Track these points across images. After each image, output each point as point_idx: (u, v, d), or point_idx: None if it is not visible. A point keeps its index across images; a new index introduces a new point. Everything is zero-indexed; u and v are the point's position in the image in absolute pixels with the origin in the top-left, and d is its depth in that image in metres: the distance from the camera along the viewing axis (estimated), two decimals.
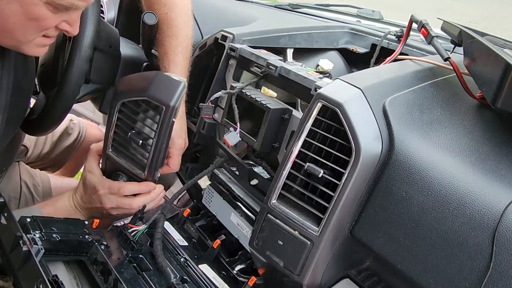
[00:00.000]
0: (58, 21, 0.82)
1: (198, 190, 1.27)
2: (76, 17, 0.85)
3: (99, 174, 1.07)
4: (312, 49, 1.28)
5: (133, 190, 1.05)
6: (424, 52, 1.19)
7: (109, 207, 1.04)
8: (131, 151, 1.04)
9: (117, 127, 1.03)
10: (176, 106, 0.96)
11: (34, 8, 0.77)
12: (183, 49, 1.14)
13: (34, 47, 0.86)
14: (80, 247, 0.89)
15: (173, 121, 0.98)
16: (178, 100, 0.96)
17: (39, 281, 0.67)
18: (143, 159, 1.02)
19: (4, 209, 0.77)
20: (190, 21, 1.17)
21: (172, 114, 0.96)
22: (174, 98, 0.95)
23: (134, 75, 1.05)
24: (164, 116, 0.96)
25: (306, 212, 0.83)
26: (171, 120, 0.97)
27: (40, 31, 0.82)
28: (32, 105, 1.15)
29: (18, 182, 1.30)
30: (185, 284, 0.93)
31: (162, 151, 1.01)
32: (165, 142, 1.00)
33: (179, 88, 0.96)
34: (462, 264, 0.70)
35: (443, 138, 0.80)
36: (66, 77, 0.98)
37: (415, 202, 0.74)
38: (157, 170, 1.04)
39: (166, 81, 0.98)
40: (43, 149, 1.53)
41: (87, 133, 1.66)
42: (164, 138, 0.99)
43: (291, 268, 0.83)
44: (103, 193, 1.03)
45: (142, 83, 0.99)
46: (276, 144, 1.00)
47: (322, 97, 0.81)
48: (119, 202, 1.04)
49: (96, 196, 1.04)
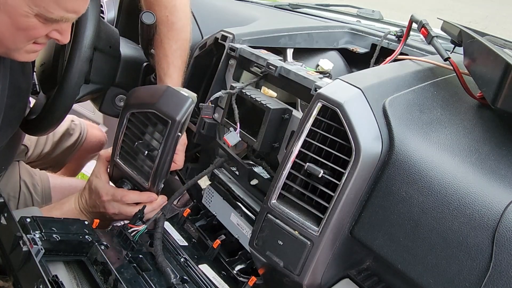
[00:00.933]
0: (48, 30, 0.83)
1: (198, 190, 1.27)
2: (67, 26, 0.86)
3: (105, 180, 1.09)
4: (312, 49, 1.28)
5: (135, 199, 1.07)
6: (424, 52, 1.19)
7: (112, 212, 1.07)
8: (137, 161, 1.06)
9: (125, 136, 1.05)
10: (182, 121, 0.98)
11: (23, 19, 0.77)
12: (182, 52, 1.15)
13: (24, 53, 0.86)
14: (80, 247, 0.89)
15: (178, 135, 1.00)
16: (185, 115, 0.98)
17: (39, 281, 0.67)
18: (148, 169, 1.04)
19: (4, 209, 0.77)
20: (190, 25, 1.18)
21: (178, 128, 0.98)
22: (181, 113, 0.97)
23: (146, 87, 1.08)
24: (170, 129, 0.98)
25: (306, 212, 0.83)
26: (177, 134, 0.99)
27: (29, 40, 0.83)
28: (32, 105, 1.16)
29: (18, 181, 1.30)
30: (185, 284, 0.93)
31: (167, 163, 1.03)
32: (169, 155, 1.01)
33: (186, 103, 0.98)
34: (462, 264, 0.70)
35: (443, 138, 0.80)
36: (66, 77, 0.98)
37: (415, 202, 0.74)
38: (160, 181, 1.06)
39: (175, 96, 1.00)
40: (43, 149, 1.53)
41: (88, 134, 1.66)
42: (169, 151, 1.01)
43: (291, 268, 0.83)
44: (106, 199, 1.06)
45: (152, 96, 1.01)
46: (276, 144, 1.00)
47: (322, 97, 0.81)
48: (121, 209, 1.07)
49: (100, 201, 1.07)
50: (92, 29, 0.97)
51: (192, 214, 1.20)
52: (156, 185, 1.05)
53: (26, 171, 1.35)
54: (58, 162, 1.61)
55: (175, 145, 1.01)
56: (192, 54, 1.23)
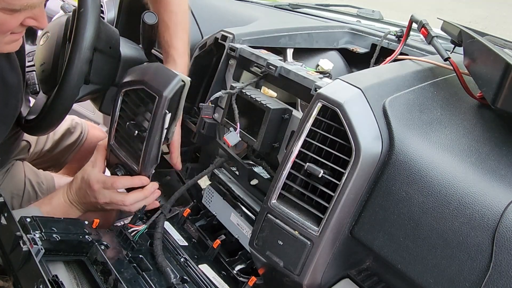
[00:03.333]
0: (20, 20, 0.82)
1: (198, 190, 1.27)
2: (39, 11, 0.85)
3: (100, 169, 1.09)
4: (312, 49, 1.28)
5: (126, 184, 1.06)
6: (424, 52, 1.19)
7: (103, 202, 1.06)
8: (130, 144, 1.06)
9: (119, 118, 1.06)
10: (169, 96, 0.98)
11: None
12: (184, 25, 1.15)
13: (4, 45, 0.87)
14: (80, 247, 0.89)
15: (165, 113, 0.99)
16: (173, 91, 0.98)
17: (39, 281, 0.67)
18: (138, 151, 1.04)
19: (4, 209, 0.77)
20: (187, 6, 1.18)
21: (164, 104, 0.98)
22: (168, 89, 0.97)
23: (138, 66, 1.08)
24: (157, 106, 0.98)
25: (306, 212, 0.83)
26: (164, 111, 0.99)
27: (4, 33, 0.83)
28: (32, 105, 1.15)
29: (22, 179, 1.30)
30: (185, 284, 0.93)
31: (155, 144, 1.02)
32: (157, 134, 1.01)
33: (174, 80, 0.99)
34: (462, 264, 0.70)
35: (443, 138, 0.80)
36: (66, 77, 0.98)
37: (415, 202, 0.74)
38: (150, 165, 1.05)
39: (164, 73, 1.01)
40: (44, 147, 1.53)
41: (89, 134, 1.66)
42: (157, 130, 1.00)
43: (291, 268, 0.83)
44: (97, 187, 1.05)
45: (143, 73, 1.02)
46: (276, 144, 1.00)
47: (322, 97, 0.81)
48: (113, 197, 1.06)
49: (90, 191, 1.06)
50: (92, 29, 0.97)
51: (192, 214, 1.20)
52: (145, 167, 1.04)
53: (31, 170, 1.35)
54: (59, 160, 1.61)
55: (163, 124, 1.01)
56: (192, 54, 1.23)
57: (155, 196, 1.11)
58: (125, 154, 1.07)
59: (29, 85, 1.26)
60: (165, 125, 1.02)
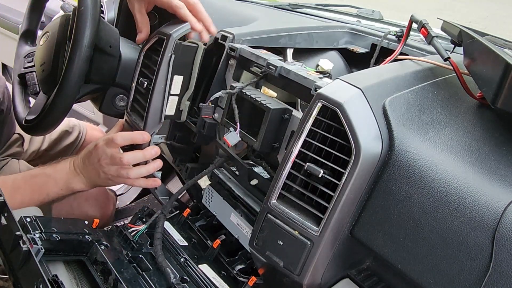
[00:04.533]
0: None
1: (198, 190, 1.27)
2: None
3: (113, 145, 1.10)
4: (312, 49, 1.28)
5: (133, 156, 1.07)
6: (424, 52, 1.19)
7: (110, 174, 1.08)
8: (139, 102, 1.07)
9: (137, 82, 1.09)
10: (175, 36, 1.01)
11: None
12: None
13: None
14: (80, 247, 0.89)
15: (171, 55, 1.01)
16: (179, 32, 1.02)
17: (39, 281, 0.67)
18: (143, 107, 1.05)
19: (4, 209, 0.77)
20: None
21: (172, 45, 1.00)
22: (175, 29, 1.01)
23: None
24: (164, 47, 1.01)
25: (306, 212, 0.83)
26: (170, 53, 1.01)
27: None
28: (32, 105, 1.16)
29: None
30: (185, 284, 0.93)
31: (158, 95, 1.03)
32: (162, 82, 1.03)
33: (184, 24, 1.04)
34: (462, 264, 0.70)
35: (443, 138, 0.80)
36: (66, 77, 0.98)
37: (415, 202, 0.74)
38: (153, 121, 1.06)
39: (178, 20, 1.06)
40: (41, 146, 1.54)
41: (88, 135, 1.67)
42: (162, 76, 1.02)
43: (291, 268, 0.83)
44: (105, 162, 1.07)
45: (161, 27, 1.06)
46: (276, 144, 0.99)
47: (322, 97, 0.81)
48: (119, 171, 1.08)
49: (98, 165, 1.08)
50: (92, 28, 0.97)
51: (192, 214, 1.20)
52: (148, 122, 1.05)
53: (27, 169, 1.35)
54: None
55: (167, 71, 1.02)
56: None
57: (157, 165, 1.12)
58: (136, 118, 1.09)
59: (29, 85, 1.26)
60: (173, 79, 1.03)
